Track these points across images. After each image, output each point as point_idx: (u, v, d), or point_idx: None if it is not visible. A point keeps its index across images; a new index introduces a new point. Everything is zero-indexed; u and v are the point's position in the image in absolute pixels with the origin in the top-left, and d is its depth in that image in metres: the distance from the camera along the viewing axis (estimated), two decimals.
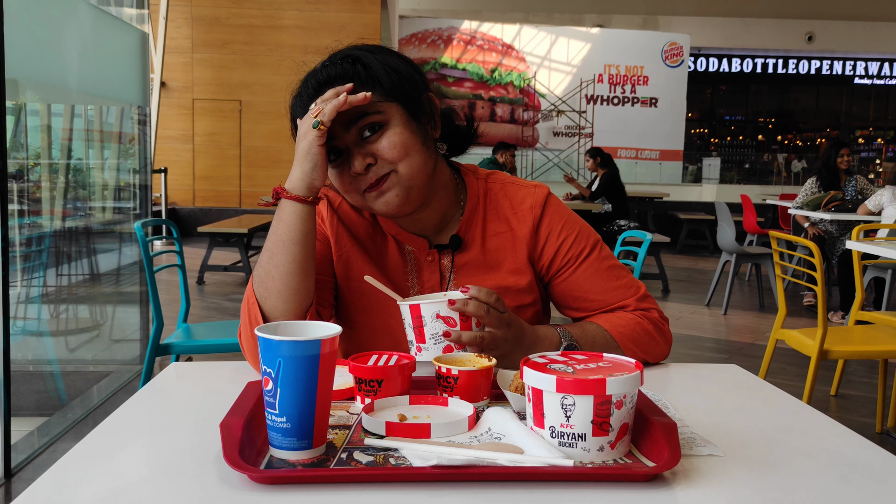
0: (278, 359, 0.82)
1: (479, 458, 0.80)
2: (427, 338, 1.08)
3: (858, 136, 19.97)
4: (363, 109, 1.15)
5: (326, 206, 1.32)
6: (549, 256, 1.30)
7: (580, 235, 1.31)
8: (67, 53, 3.23)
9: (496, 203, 1.32)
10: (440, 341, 1.07)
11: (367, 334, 1.30)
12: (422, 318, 1.08)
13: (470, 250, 1.30)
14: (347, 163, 1.18)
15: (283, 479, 0.78)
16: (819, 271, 2.92)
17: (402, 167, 1.17)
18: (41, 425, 3.03)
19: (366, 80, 1.18)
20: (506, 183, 1.34)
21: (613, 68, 14.28)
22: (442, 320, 1.07)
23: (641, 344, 1.26)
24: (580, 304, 1.32)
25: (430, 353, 1.08)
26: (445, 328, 1.07)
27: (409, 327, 1.10)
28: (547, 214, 1.31)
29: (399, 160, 1.17)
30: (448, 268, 1.30)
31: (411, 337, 1.10)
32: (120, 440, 0.91)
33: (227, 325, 3.11)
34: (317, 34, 10.62)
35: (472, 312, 1.07)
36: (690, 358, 4.56)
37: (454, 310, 1.07)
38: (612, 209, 7.67)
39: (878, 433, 3.35)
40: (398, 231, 1.30)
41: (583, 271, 1.30)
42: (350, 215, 1.32)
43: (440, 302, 1.07)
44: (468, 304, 1.07)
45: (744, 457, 0.88)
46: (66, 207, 3.99)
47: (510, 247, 1.30)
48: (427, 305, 1.07)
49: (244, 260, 6.68)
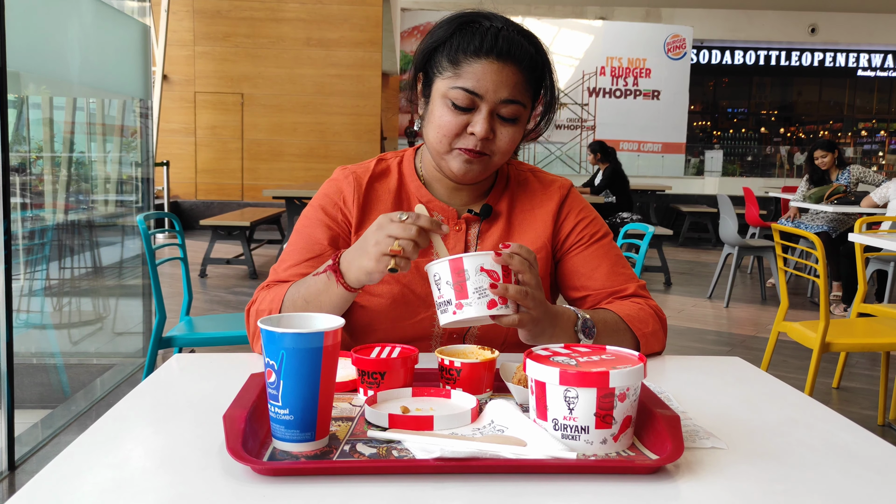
0: (281, 351, 0.82)
1: (482, 450, 0.80)
2: (470, 292, 1.04)
3: (861, 129, 19.91)
4: (517, 96, 1.21)
5: (351, 186, 1.33)
6: (567, 231, 1.37)
7: (595, 221, 1.40)
8: (69, 46, 3.22)
9: (526, 183, 1.40)
10: (484, 295, 1.04)
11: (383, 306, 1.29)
12: (464, 273, 1.04)
13: (496, 221, 1.35)
14: (467, 115, 1.21)
15: (286, 470, 0.78)
16: (821, 264, 2.92)
17: (497, 158, 1.26)
18: (45, 417, 3.04)
19: (535, 71, 1.24)
20: (535, 170, 1.44)
21: (616, 61, 14.23)
22: (486, 274, 1.05)
23: (649, 325, 1.28)
24: (584, 281, 1.35)
25: (474, 309, 1.04)
26: (490, 281, 1.04)
27: (446, 285, 1.05)
28: (571, 196, 1.41)
29: (503, 153, 1.25)
30: (473, 238, 1.34)
31: (449, 295, 1.05)
32: (123, 432, 0.91)
33: (229, 318, 3.11)
34: (318, 27, 10.59)
35: (517, 266, 1.06)
36: (693, 350, 4.56)
37: (499, 262, 1.05)
38: (615, 202, 7.66)
39: (880, 425, 3.35)
40: (429, 198, 1.34)
41: (593, 251, 1.36)
42: (377, 190, 1.35)
43: (485, 255, 1.05)
44: (514, 257, 1.06)
45: (746, 449, 0.88)
46: (68, 201, 3.99)
47: (533, 223, 1.36)
48: (471, 258, 1.05)
49: (246, 253, 6.69)
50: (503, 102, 1.21)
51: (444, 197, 1.35)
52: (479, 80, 1.19)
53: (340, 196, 1.33)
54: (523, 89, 1.22)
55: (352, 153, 10.64)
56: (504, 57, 1.20)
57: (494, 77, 1.19)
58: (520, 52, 1.21)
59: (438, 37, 1.25)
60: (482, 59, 1.19)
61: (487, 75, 1.19)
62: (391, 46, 11.92)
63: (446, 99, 1.22)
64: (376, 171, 1.36)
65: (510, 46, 1.20)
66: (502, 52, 1.19)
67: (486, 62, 1.19)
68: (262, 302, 1.25)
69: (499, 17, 1.25)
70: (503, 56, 1.19)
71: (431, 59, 1.26)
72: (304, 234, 1.32)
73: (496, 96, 1.20)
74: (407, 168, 1.37)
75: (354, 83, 10.64)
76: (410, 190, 1.35)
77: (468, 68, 1.20)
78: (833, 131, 19.80)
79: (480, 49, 1.20)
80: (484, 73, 1.19)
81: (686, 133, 14.72)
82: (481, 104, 1.21)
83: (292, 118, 10.71)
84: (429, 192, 1.35)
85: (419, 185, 1.35)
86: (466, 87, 1.20)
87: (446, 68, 1.22)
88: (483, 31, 1.21)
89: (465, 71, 1.20)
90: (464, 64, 1.20)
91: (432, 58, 1.25)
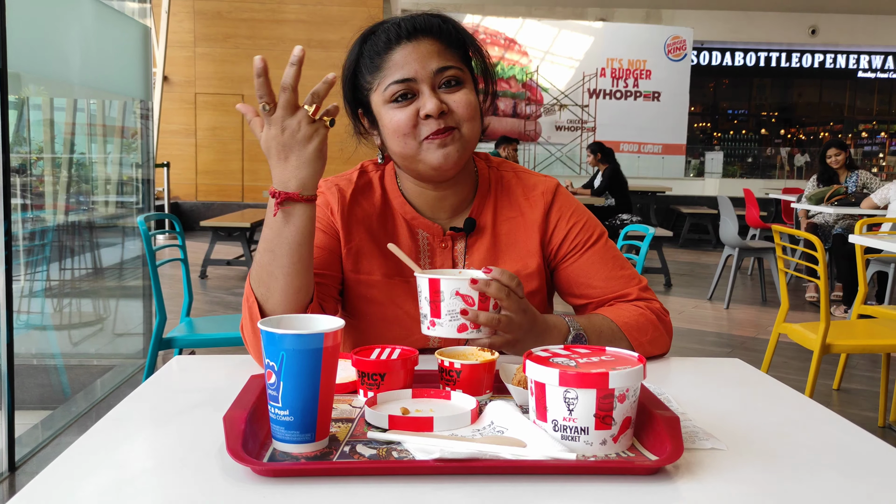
0: (281, 352, 0.82)
1: (482, 451, 0.80)
2: (443, 314, 1.05)
3: (862, 130, 19.90)
4: (447, 62, 1.21)
5: (337, 197, 1.31)
6: (559, 241, 1.33)
7: (588, 224, 1.35)
8: (70, 48, 3.22)
9: (508, 189, 1.35)
10: (456, 318, 1.05)
11: (377, 325, 1.29)
12: (440, 294, 1.05)
13: (482, 235, 1.32)
14: (413, 103, 1.20)
15: (286, 472, 0.78)
16: (821, 265, 2.92)
17: (465, 128, 1.22)
18: (45, 419, 3.04)
19: (451, 38, 1.24)
20: (517, 170, 1.38)
21: (616, 62, 14.23)
22: (461, 298, 1.05)
23: (647, 334, 1.26)
24: (584, 290, 1.33)
25: (444, 330, 1.06)
26: (463, 306, 1.05)
27: (424, 300, 1.07)
28: (557, 201, 1.35)
29: (467, 120, 1.22)
30: (461, 253, 1.32)
31: (426, 310, 1.07)
32: (123, 433, 0.91)
33: (229, 319, 3.11)
34: (319, 28, 10.60)
35: (494, 294, 1.05)
36: (693, 352, 4.56)
37: (475, 289, 1.05)
38: (615, 203, 7.67)
39: (881, 427, 3.35)
40: (413, 216, 1.32)
41: (589, 257, 1.32)
42: (362, 204, 1.32)
43: (462, 279, 1.05)
44: (490, 284, 1.05)
45: (746, 451, 0.88)
46: (68, 202, 3.99)
47: (521, 232, 1.33)
48: (448, 281, 1.05)
49: (247, 254, 6.69)
50: (437, 73, 1.20)
51: (427, 212, 1.32)
52: (403, 66, 1.20)
53: (328, 207, 1.31)
54: (450, 55, 1.22)
55: (351, 154, 10.61)
56: (414, 35, 1.20)
57: (415, 55, 1.20)
58: (426, 25, 1.22)
59: (351, 61, 1.26)
60: (395, 48, 1.20)
61: (408, 56, 1.20)
62: None
63: (387, 103, 1.21)
64: (359, 184, 1.34)
65: (414, 24, 1.21)
66: (410, 32, 1.21)
67: (400, 48, 1.20)
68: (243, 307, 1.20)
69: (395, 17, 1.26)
70: (413, 34, 1.20)
71: (356, 85, 1.26)
72: None
73: (427, 70, 1.20)
74: (390, 184, 1.34)
75: None
76: (394, 206, 1.33)
77: (388, 64, 1.21)
78: (833, 133, 19.78)
79: (389, 42, 1.21)
80: (404, 57, 1.20)
81: (686, 134, 14.71)
82: (419, 86, 1.20)
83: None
84: (413, 209, 1.32)
85: (402, 202, 1.32)
86: (395, 78, 1.20)
87: (371, 79, 1.23)
88: (384, 29, 1.23)
89: (387, 67, 1.21)
90: (382, 64, 1.21)
91: (356, 84, 1.26)
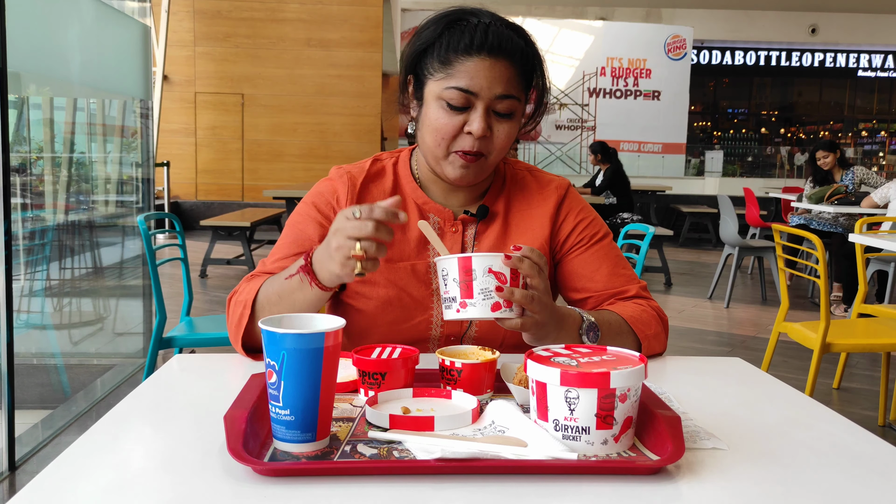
0: (282, 351, 0.82)
1: (483, 451, 0.80)
2: (475, 293, 1.03)
3: (862, 129, 19.90)
4: (511, 91, 1.20)
5: (346, 186, 1.32)
6: (566, 233, 1.36)
7: (595, 222, 1.38)
8: (69, 47, 3.22)
9: (523, 184, 1.38)
10: (490, 297, 1.03)
11: (378, 308, 1.29)
12: (472, 273, 1.03)
13: (493, 222, 1.34)
14: (463, 114, 1.21)
15: (287, 471, 0.78)
16: (822, 264, 2.92)
17: (493, 157, 1.25)
18: (45, 418, 3.04)
19: (526, 63, 1.23)
20: (532, 169, 1.42)
21: (616, 61, 14.23)
22: (493, 276, 1.03)
23: (651, 328, 1.27)
24: (585, 283, 1.34)
25: (477, 310, 1.04)
26: (496, 283, 1.03)
27: (452, 282, 1.04)
28: (569, 196, 1.39)
29: (499, 151, 1.25)
30: (471, 239, 1.32)
31: (454, 293, 1.05)
32: (123, 433, 0.91)
33: None
34: (319, 27, 10.59)
35: (526, 271, 1.05)
36: (693, 351, 4.56)
37: (508, 265, 1.04)
38: (616, 202, 7.66)
39: (881, 426, 3.35)
40: (425, 200, 1.33)
41: (593, 252, 1.35)
42: (372, 191, 1.33)
43: (495, 256, 1.04)
44: (524, 261, 1.05)
45: (747, 450, 0.88)
46: (68, 201, 3.99)
47: (531, 223, 1.35)
48: (480, 258, 1.03)
49: (247, 253, 6.69)
50: (498, 98, 1.20)
51: (440, 198, 1.34)
52: (473, 78, 1.19)
53: (334, 195, 1.31)
54: (517, 83, 1.22)
55: (352, 153, 10.63)
56: (496, 52, 1.19)
57: (487, 73, 1.19)
58: (511, 46, 1.20)
59: (426, 38, 1.23)
60: (474, 56, 1.19)
61: (480, 72, 1.18)
62: (391, 47, 11.91)
63: (440, 100, 1.21)
64: (371, 171, 1.35)
65: (501, 41, 1.19)
66: (493, 48, 1.19)
67: (478, 59, 1.19)
68: (241, 293, 1.24)
69: (486, 12, 1.24)
70: (494, 51, 1.19)
71: (421, 61, 1.24)
72: (296, 229, 1.32)
73: (491, 92, 1.19)
74: (402, 169, 1.36)
75: (355, 84, 10.64)
76: (406, 192, 1.34)
77: (460, 67, 1.19)
78: (833, 132, 19.79)
79: (471, 46, 1.19)
80: (477, 70, 1.18)
81: (686, 133, 14.72)
82: (476, 102, 1.20)
83: (293, 119, 10.71)
84: (425, 193, 1.33)
85: (415, 187, 1.33)
86: (460, 86, 1.19)
87: (438, 69, 1.21)
88: (472, 27, 1.20)
89: (458, 70, 1.19)
90: (455, 63, 1.19)
91: (422, 60, 1.24)
